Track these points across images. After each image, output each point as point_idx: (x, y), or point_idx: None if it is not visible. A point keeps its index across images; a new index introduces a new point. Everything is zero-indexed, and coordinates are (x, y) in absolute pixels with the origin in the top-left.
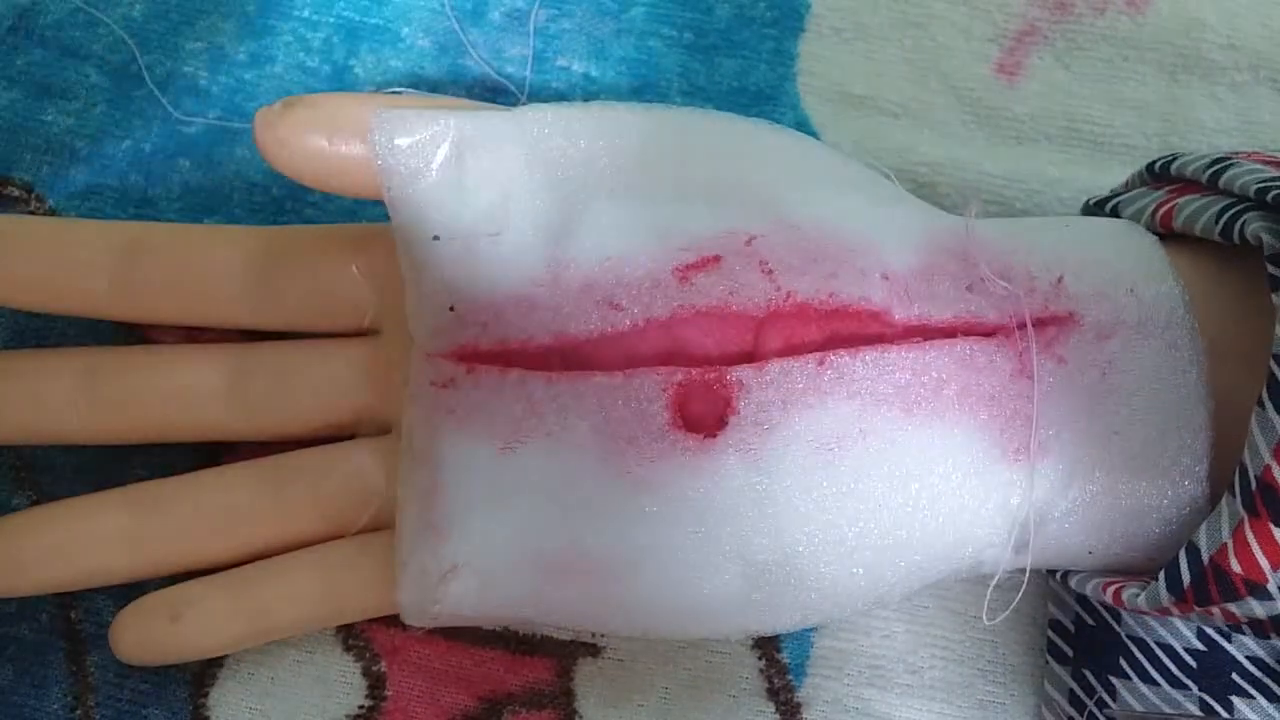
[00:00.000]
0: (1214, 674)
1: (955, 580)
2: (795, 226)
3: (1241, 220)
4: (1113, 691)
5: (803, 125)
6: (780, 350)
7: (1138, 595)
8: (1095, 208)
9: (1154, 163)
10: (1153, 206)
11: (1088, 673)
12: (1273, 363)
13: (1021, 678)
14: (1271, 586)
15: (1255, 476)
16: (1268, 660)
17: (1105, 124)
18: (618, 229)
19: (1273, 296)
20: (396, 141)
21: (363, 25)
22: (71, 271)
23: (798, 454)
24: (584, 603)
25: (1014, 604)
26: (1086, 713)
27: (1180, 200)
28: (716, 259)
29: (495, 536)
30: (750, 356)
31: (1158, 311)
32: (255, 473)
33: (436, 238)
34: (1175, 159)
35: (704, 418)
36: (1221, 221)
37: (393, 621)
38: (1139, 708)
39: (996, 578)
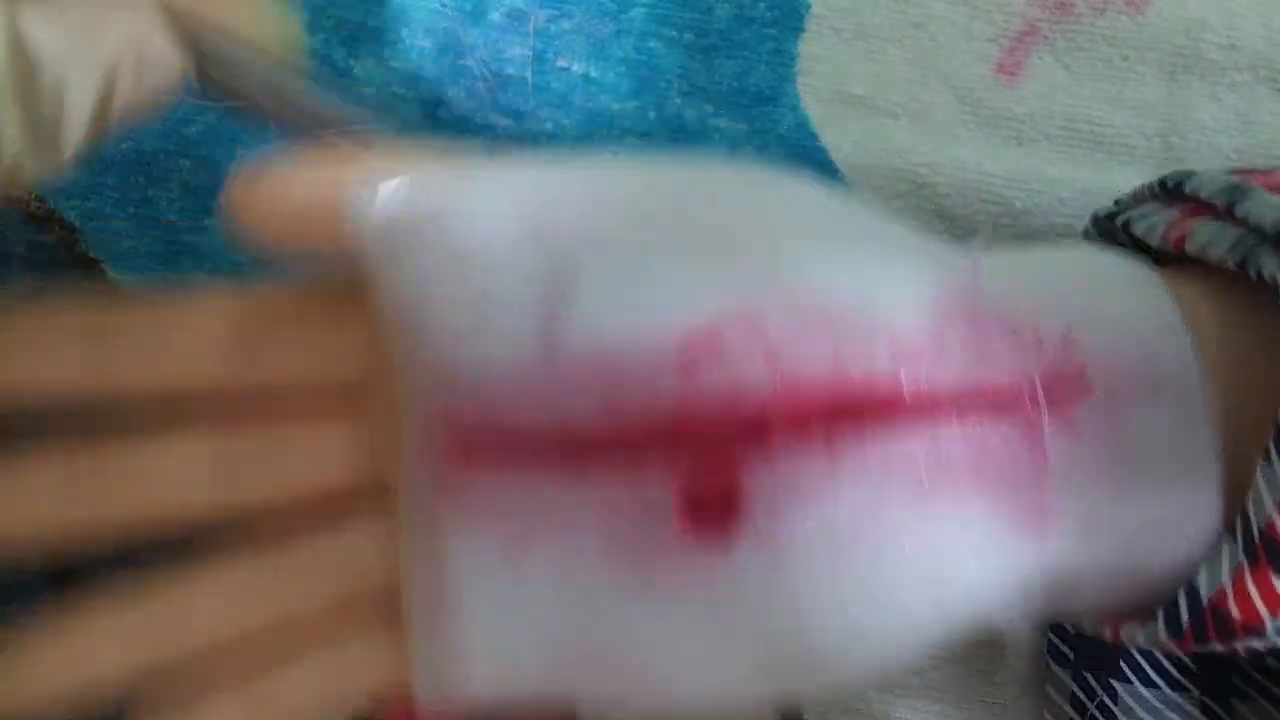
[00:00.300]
0: (1214, 677)
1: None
2: (798, 298)
3: (1258, 258)
4: (1114, 694)
5: (802, 125)
6: (788, 433)
7: (1137, 632)
8: (1105, 220)
9: (1166, 179)
10: (1164, 226)
11: (1088, 675)
12: None
13: (1022, 680)
14: (1269, 631)
15: (1259, 528)
16: (1268, 662)
17: (1105, 124)
18: (612, 304)
19: None
20: (376, 208)
21: (363, 26)
22: (41, 359)
23: (812, 545)
24: (600, 690)
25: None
26: (1088, 715)
27: (1194, 224)
28: (718, 344)
29: (508, 631)
30: (758, 441)
31: (1170, 371)
32: (252, 567)
33: (423, 316)
34: (1189, 177)
35: (714, 512)
36: (1236, 253)
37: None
38: (1140, 711)
39: (1010, 647)
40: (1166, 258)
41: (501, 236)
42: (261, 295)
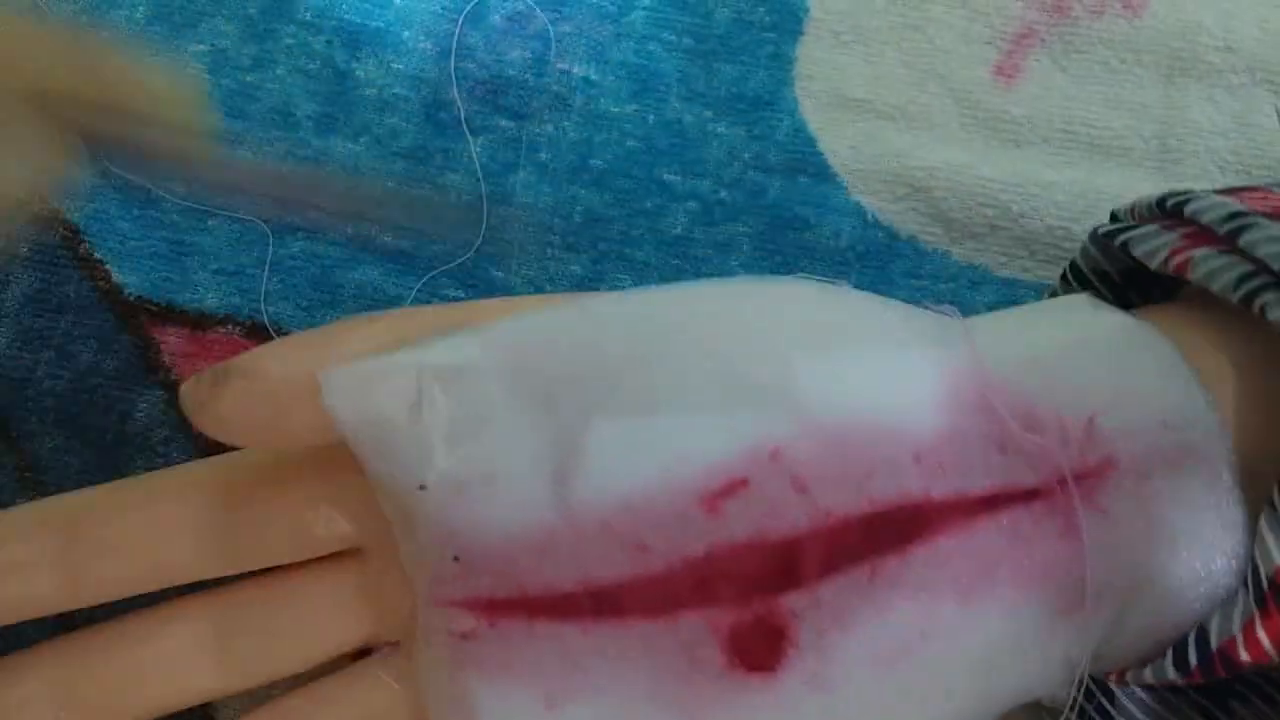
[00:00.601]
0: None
1: None
2: (820, 427)
3: (1262, 299)
4: (1111, 695)
5: (800, 130)
6: (825, 566)
7: (1143, 672)
8: (1105, 239)
9: (1165, 199)
10: (1167, 251)
11: (1087, 677)
12: None
13: None
14: (1275, 662)
15: (1266, 576)
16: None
17: (1102, 126)
18: (625, 457)
19: None
20: (354, 401)
21: (364, 28)
22: (9, 584)
23: (862, 671)
24: None
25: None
26: (1085, 717)
27: (1196, 253)
28: (744, 482)
29: None
30: (794, 577)
31: (1193, 441)
32: None
33: (423, 487)
34: (1189, 200)
35: (760, 652)
36: (1241, 290)
37: None
38: (1137, 713)
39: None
40: (1167, 278)
41: (493, 390)
42: (239, 469)
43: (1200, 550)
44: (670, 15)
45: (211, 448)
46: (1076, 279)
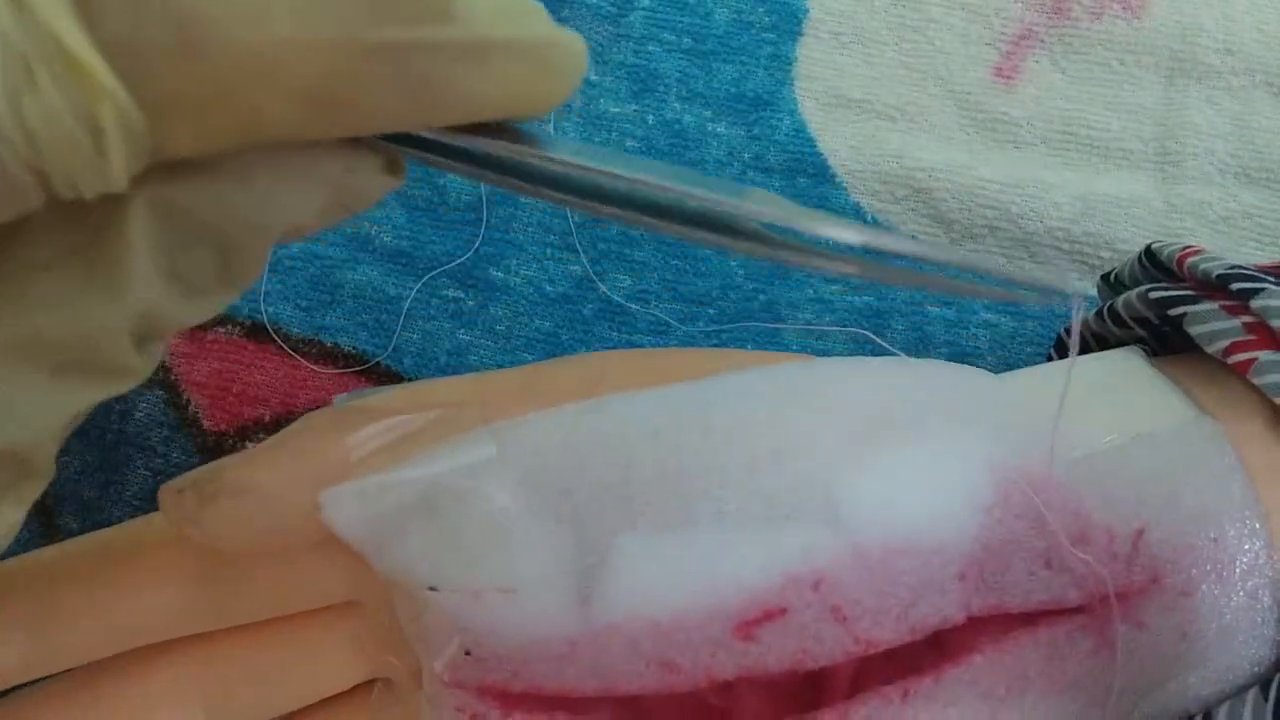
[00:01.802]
0: None
1: None
2: (864, 552)
3: None
4: None
5: (800, 129)
6: (855, 683)
7: None
8: (1155, 304)
9: (1227, 279)
10: (1227, 343)
11: None
12: None
13: None
14: None
15: None
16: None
17: (1102, 128)
18: (655, 575)
19: None
20: (359, 517)
21: None
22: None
23: None
24: None
25: None
26: None
27: (1263, 357)
28: (782, 610)
29: None
30: (823, 694)
31: (1240, 559)
32: None
33: (433, 589)
34: (1258, 293)
35: None
36: None
37: None
38: None
39: None
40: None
41: (507, 497)
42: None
43: (1228, 661)
44: (669, 16)
45: (212, 449)
46: (1114, 321)
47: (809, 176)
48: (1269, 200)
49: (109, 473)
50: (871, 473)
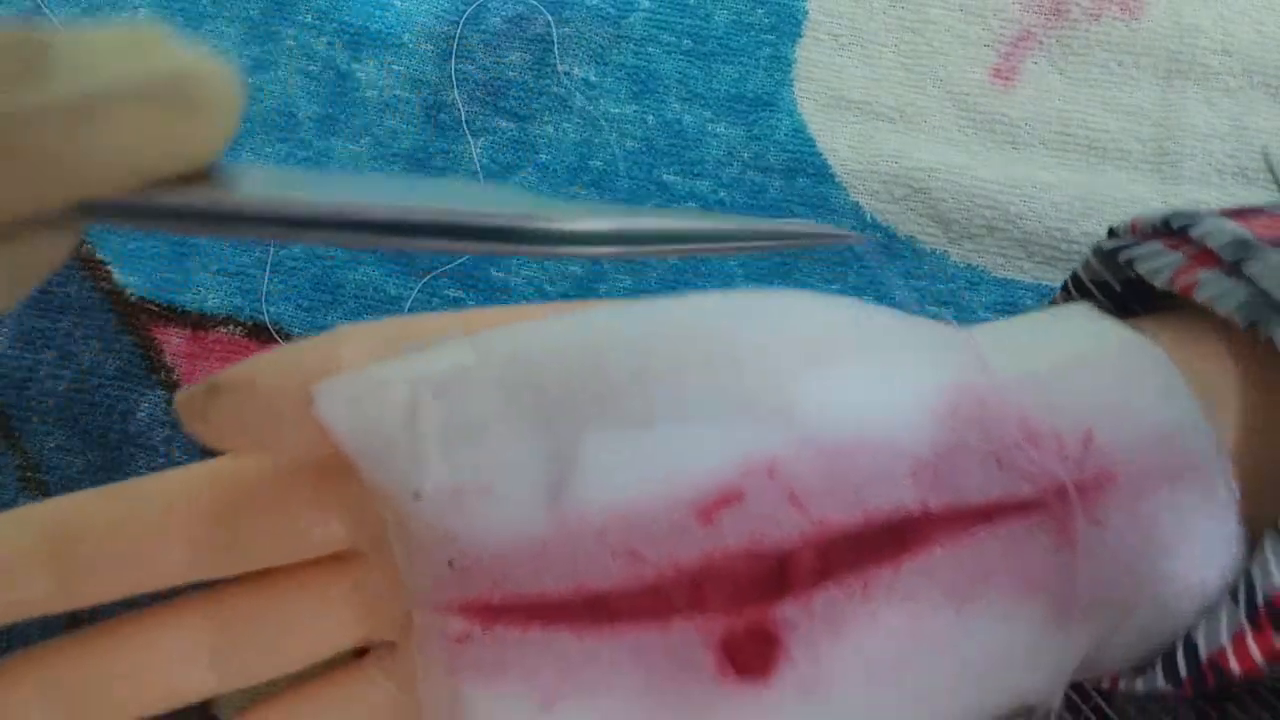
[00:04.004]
0: None
1: None
2: (816, 441)
3: (1270, 330)
4: (1108, 696)
5: (799, 130)
6: (818, 573)
7: (1135, 681)
8: (1107, 256)
9: (1170, 220)
10: (1171, 271)
11: (1084, 679)
12: None
13: None
14: (1266, 673)
15: (1265, 596)
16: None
17: (1100, 128)
18: (621, 468)
19: None
20: (350, 413)
21: (365, 31)
22: (7, 585)
23: (857, 679)
24: None
25: None
26: (1082, 717)
27: (1202, 275)
28: (740, 494)
29: None
30: (787, 585)
31: (1191, 457)
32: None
33: (418, 496)
34: (1195, 224)
35: (753, 659)
36: (1246, 315)
37: None
38: (1134, 713)
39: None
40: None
41: (487, 397)
42: (235, 473)
43: (1195, 563)
44: (669, 17)
45: (212, 449)
46: (1078, 290)
47: (808, 176)
48: (1267, 200)
49: (111, 472)
50: (825, 379)
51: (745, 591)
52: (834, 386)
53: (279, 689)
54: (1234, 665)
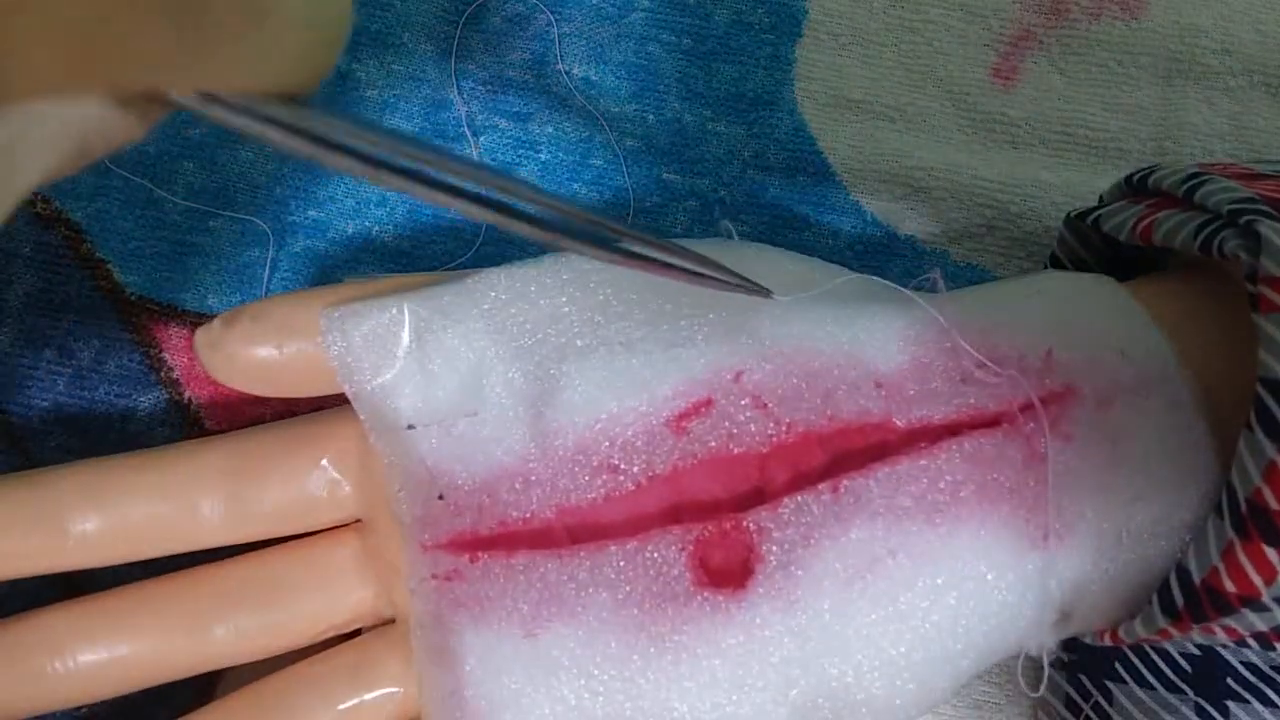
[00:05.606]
0: (1209, 679)
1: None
2: (779, 353)
3: (1219, 237)
4: (1109, 696)
5: (800, 130)
6: (790, 483)
7: (1133, 625)
8: (1078, 220)
9: (1132, 175)
10: (1133, 221)
11: (1084, 677)
12: (1259, 386)
13: (1017, 679)
14: (1266, 599)
15: (1245, 499)
16: (1262, 666)
17: (1100, 128)
18: (598, 387)
19: (1252, 315)
20: (351, 338)
21: (365, 30)
22: (37, 529)
23: (830, 588)
24: None
25: (1047, 675)
26: (1083, 716)
27: (1159, 215)
28: (709, 402)
29: (534, 716)
30: (760, 494)
31: (1151, 369)
32: (259, 698)
33: (411, 427)
34: (1153, 172)
35: (728, 569)
36: (1200, 237)
37: None
38: (1135, 713)
39: (1045, 659)
40: (1137, 258)
41: (478, 334)
42: (245, 440)
43: (1169, 478)
44: (670, 16)
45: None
46: (1056, 269)
47: (809, 175)
48: None
49: None
50: (793, 307)
51: (718, 503)
52: (802, 313)
53: (284, 664)
54: (1229, 585)
